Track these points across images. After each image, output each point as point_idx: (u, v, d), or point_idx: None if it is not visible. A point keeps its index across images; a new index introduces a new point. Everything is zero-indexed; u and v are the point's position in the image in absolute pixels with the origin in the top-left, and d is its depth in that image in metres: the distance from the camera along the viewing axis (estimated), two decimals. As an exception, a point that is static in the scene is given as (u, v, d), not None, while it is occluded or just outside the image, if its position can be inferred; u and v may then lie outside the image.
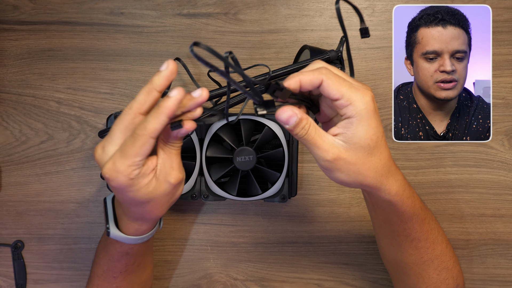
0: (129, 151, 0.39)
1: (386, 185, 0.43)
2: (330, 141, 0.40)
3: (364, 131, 0.39)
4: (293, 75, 0.40)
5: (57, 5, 0.66)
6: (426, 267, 0.51)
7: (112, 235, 0.49)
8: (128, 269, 0.54)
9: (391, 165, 0.43)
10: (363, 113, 0.39)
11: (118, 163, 0.39)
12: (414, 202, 0.47)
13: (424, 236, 0.49)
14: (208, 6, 0.66)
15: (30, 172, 0.66)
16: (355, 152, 0.40)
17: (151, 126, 0.38)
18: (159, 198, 0.43)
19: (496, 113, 0.65)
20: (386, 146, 0.42)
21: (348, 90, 0.38)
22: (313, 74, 0.39)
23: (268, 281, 0.67)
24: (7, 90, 0.67)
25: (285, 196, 0.61)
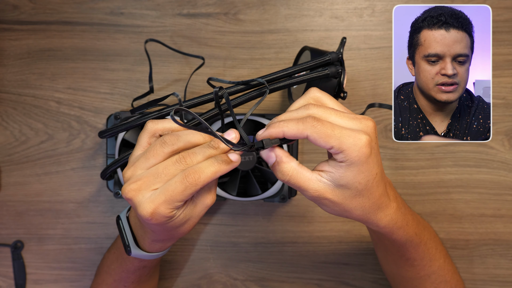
0: (176, 197, 0.38)
1: (374, 220, 0.42)
2: (315, 181, 0.39)
3: (353, 176, 0.38)
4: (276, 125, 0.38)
5: (57, 5, 0.66)
6: (423, 281, 0.51)
7: (134, 254, 0.47)
8: (141, 279, 0.54)
9: (382, 202, 0.41)
10: (354, 160, 0.37)
11: (161, 207, 0.38)
12: (407, 231, 0.45)
13: (420, 256, 0.49)
14: (208, 6, 0.66)
15: (30, 172, 0.66)
16: (341, 192, 0.39)
17: (206, 178, 0.38)
18: (194, 220, 0.42)
19: (496, 113, 0.65)
20: (379, 185, 0.40)
21: (338, 139, 0.36)
22: (297, 128, 0.37)
23: (268, 281, 0.67)
24: (7, 90, 0.66)
25: (285, 196, 0.61)
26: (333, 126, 0.37)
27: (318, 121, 0.37)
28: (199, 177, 0.37)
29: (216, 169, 0.38)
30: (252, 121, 0.59)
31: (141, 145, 0.42)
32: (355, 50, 0.66)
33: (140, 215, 0.38)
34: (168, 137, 0.39)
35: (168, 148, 0.39)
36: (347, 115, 0.38)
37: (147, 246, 0.47)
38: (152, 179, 0.39)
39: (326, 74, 0.50)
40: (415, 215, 0.48)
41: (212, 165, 0.38)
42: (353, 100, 0.65)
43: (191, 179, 0.37)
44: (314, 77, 0.50)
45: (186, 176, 0.37)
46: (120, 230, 0.47)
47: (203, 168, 0.38)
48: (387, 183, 0.42)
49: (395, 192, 0.44)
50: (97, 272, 0.59)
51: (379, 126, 0.64)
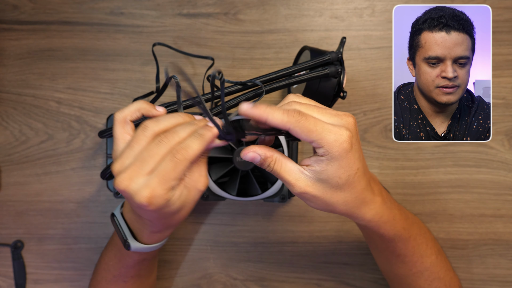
0: (169, 176, 0.38)
1: (358, 214, 0.43)
2: (297, 175, 0.40)
3: (333, 170, 0.39)
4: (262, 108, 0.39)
5: (57, 5, 0.66)
6: (417, 278, 0.52)
7: (133, 248, 0.47)
8: (140, 273, 0.54)
9: (365, 196, 0.42)
10: (335, 155, 0.38)
11: (157, 189, 0.38)
12: (395, 225, 0.46)
13: (410, 252, 0.50)
14: (208, 6, 0.66)
15: (30, 172, 0.66)
16: (322, 186, 0.40)
17: (193, 153, 0.38)
18: (189, 205, 0.43)
19: (496, 113, 0.65)
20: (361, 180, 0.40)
21: (319, 134, 0.37)
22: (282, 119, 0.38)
23: (268, 281, 0.67)
24: (7, 90, 0.66)
25: (285, 196, 0.61)
26: (316, 122, 0.38)
27: (302, 116, 0.38)
28: (187, 152, 0.38)
29: (202, 141, 0.39)
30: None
31: (117, 138, 0.43)
32: (355, 50, 0.66)
33: (138, 202, 0.38)
34: (148, 121, 0.40)
35: (149, 131, 0.40)
36: (329, 111, 0.39)
37: (146, 238, 0.47)
38: (140, 164, 0.39)
39: (326, 73, 0.50)
40: (403, 210, 0.48)
41: (197, 138, 0.39)
42: (353, 100, 0.65)
43: (180, 156, 0.38)
44: (313, 77, 0.50)
45: (175, 153, 0.38)
46: (116, 226, 0.48)
47: (189, 143, 0.39)
48: (371, 178, 0.43)
49: (380, 187, 0.45)
50: (95, 269, 0.59)
51: (379, 126, 0.64)
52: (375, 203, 0.43)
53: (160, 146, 0.39)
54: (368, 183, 0.42)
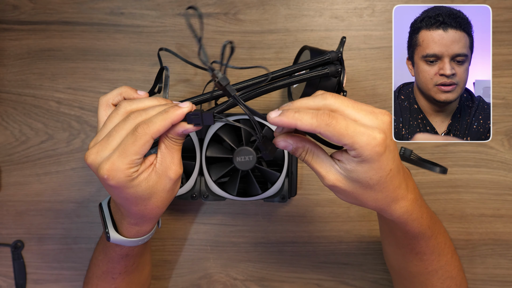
0: (129, 149, 0.39)
1: (388, 210, 0.42)
2: (328, 168, 0.40)
3: (364, 171, 0.38)
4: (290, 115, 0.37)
5: (57, 5, 0.66)
6: (431, 276, 0.51)
7: (112, 239, 0.48)
8: (127, 270, 0.54)
9: (397, 194, 0.41)
10: (367, 158, 0.37)
11: (117, 162, 0.39)
12: (422, 223, 0.45)
13: (430, 251, 0.49)
14: (208, 6, 0.66)
15: (30, 172, 0.66)
16: (352, 184, 0.39)
17: (155, 128, 0.38)
18: (160, 193, 0.43)
19: (496, 113, 0.65)
20: (393, 179, 0.39)
21: (351, 138, 0.36)
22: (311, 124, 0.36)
23: (268, 281, 0.67)
24: (7, 90, 0.66)
25: (285, 196, 0.61)
26: (347, 125, 0.36)
27: (333, 118, 0.36)
28: (147, 126, 0.38)
29: (165, 118, 0.39)
30: (252, 121, 0.59)
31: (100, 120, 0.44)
32: (355, 50, 0.66)
33: (100, 175, 0.39)
34: (123, 101, 0.41)
35: (121, 109, 0.41)
36: (364, 108, 0.38)
37: (125, 230, 0.48)
38: (106, 139, 0.40)
39: (326, 73, 0.50)
40: (429, 208, 0.48)
41: (161, 114, 0.39)
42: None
43: (140, 130, 0.38)
44: (313, 76, 0.50)
45: (136, 127, 0.39)
46: (101, 217, 0.49)
47: (152, 118, 0.39)
48: (406, 174, 0.42)
49: (413, 183, 0.44)
50: (89, 265, 0.59)
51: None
52: (407, 200, 0.42)
53: (126, 122, 0.40)
54: (403, 180, 0.41)
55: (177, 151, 0.42)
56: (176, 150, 0.42)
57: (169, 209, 0.67)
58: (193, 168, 0.60)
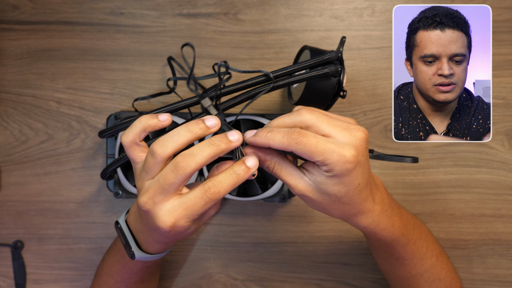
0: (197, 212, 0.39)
1: (353, 221, 0.43)
2: (297, 179, 0.40)
3: (333, 184, 0.38)
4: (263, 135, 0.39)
5: (57, 5, 0.66)
6: (417, 279, 0.52)
7: (137, 258, 0.47)
8: (143, 278, 0.54)
9: (363, 207, 0.41)
10: (337, 174, 0.37)
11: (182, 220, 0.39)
12: (393, 231, 0.45)
13: (410, 256, 0.49)
14: (208, 6, 0.66)
15: (30, 172, 0.66)
16: (321, 195, 0.40)
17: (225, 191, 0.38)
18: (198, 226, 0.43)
19: (496, 113, 0.65)
20: (361, 193, 0.40)
21: (322, 155, 0.37)
22: (282, 143, 0.38)
23: (268, 281, 0.67)
24: (7, 90, 0.66)
25: (285, 196, 0.61)
26: (317, 142, 0.37)
27: (303, 136, 0.37)
28: (219, 191, 0.38)
29: (235, 181, 0.39)
30: (252, 121, 0.59)
31: (134, 160, 0.42)
32: (355, 50, 0.66)
33: (159, 227, 0.39)
34: (154, 145, 0.39)
35: (158, 158, 0.39)
36: (339, 124, 0.38)
37: (151, 248, 0.46)
38: (159, 190, 0.39)
39: (326, 72, 0.50)
40: (404, 216, 0.48)
41: (231, 176, 0.39)
42: (353, 100, 0.65)
43: (210, 194, 0.38)
44: (313, 76, 0.50)
45: (206, 191, 0.38)
46: (121, 235, 0.47)
47: (222, 181, 0.38)
48: (374, 186, 0.43)
49: (382, 194, 0.44)
50: (97, 273, 0.59)
51: (379, 126, 0.64)
52: (372, 212, 0.42)
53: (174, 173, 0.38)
54: (369, 193, 0.41)
55: None
56: None
57: (169, 209, 0.67)
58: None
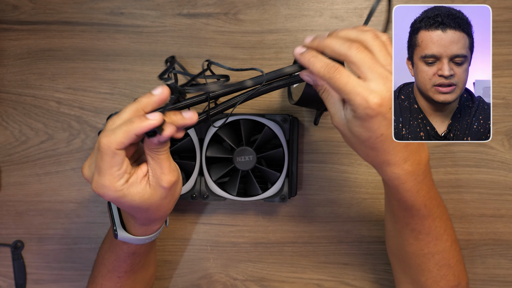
0: (101, 167, 0.39)
1: (379, 169, 0.44)
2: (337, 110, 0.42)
3: (356, 125, 0.40)
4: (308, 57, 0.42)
5: (57, 5, 0.66)
6: (427, 260, 0.51)
7: (120, 237, 0.49)
8: (133, 268, 0.54)
9: (389, 159, 0.42)
10: (358, 116, 0.39)
11: (99, 180, 0.39)
12: (416, 197, 0.46)
13: (426, 231, 0.49)
14: (208, 6, 0.66)
15: (30, 172, 0.66)
16: (350, 132, 0.42)
17: (116, 140, 0.38)
18: (158, 203, 0.43)
19: (496, 113, 0.65)
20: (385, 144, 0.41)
21: (347, 94, 0.39)
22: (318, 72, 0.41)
23: (268, 281, 0.67)
24: (7, 90, 0.66)
25: (285, 196, 0.61)
26: (347, 82, 0.39)
27: (337, 73, 0.39)
28: (108, 139, 0.38)
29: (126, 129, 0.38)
30: (252, 120, 0.59)
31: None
32: (355, 50, 0.66)
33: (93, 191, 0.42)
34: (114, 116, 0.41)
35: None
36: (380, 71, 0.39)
37: (133, 229, 0.48)
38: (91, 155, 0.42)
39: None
40: (432, 191, 0.48)
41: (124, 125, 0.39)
42: (353, 100, 0.65)
43: (102, 144, 0.38)
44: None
45: (98, 143, 0.39)
46: (110, 214, 0.49)
47: (115, 130, 0.39)
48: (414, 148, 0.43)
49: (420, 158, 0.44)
50: (94, 264, 0.60)
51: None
52: (400, 169, 0.43)
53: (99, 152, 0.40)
54: (401, 150, 0.42)
55: (164, 160, 0.42)
56: (162, 159, 0.42)
57: (169, 209, 0.67)
58: (193, 168, 0.60)
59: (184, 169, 0.60)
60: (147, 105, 0.40)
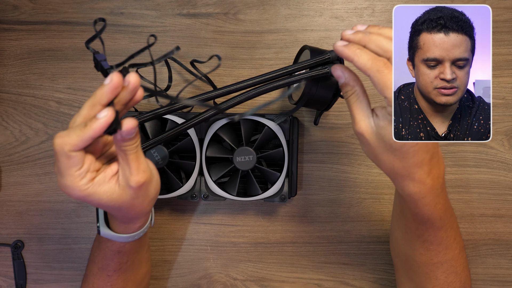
0: (59, 167, 0.38)
1: (400, 183, 0.43)
2: (364, 116, 0.41)
3: (390, 132, 0.39)
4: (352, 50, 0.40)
5: (57, 5, 0.66)
6: (435, 268, 0.51)
7: (102, 233, 0.49)
8: (122, 267, 0.54)
9: (414, 172, 0.41)
10: None
11: (61, 180, 0.38)
12: (433, 211, 0.45)
13: (437, 241, 0.49)
14: (208, 6, 0.66)
15: (30, 172, 0.66)
16: (378, 140, 0.41)
17: (68, 141, 0.36)
18: (130, 202, 0.42)
19: (496, 113, 0.65)
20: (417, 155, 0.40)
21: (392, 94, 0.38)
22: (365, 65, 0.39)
23: (268, 281, 0.67)
24: (7, 90, 0.66)
25: (285, 196, 0.61)
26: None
27: (386, 68, 0.38)
28: (62, 141, 0.36)
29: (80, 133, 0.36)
30: (252, 120, 0.59)
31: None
32: (355, 50, 0.66)
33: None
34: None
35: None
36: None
37: (114, 226, 0.48)
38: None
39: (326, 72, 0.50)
40: (447, 202, 0.48)
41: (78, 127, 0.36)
42: (353, 100, 0.65)
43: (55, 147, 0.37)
44: (314, 76, 0.50)
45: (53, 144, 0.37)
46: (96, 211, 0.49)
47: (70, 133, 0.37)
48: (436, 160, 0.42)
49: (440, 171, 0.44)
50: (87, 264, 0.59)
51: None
52: (422, 184, 0.42)
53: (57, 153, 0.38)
54: (427, 162, 0.41)
55: (132, 159, 0.39)
56: (131, 159, 0.39)
57: (169, 209, 0.67)
58: (193, 168, 0.60)
59: (184, 169, 0.60)
60: (101, 98, 0.37)
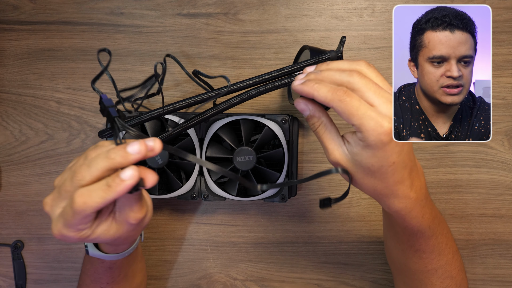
0: (70, 222, 0.36)
1: (386, 202, 0.42)
2: (336, 146, 0.40)
3: (367, 157, 0.39)
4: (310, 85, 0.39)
5: (57, 5, 0.66)
6: (430, 275, 0.51)
7: (91, 253, 0.48)
8: (114, 280, 0.53)
9: (397, 189, 0.41)
10: (371, 144, 0.38)
11: (63, 230, 0.37)
12: (421, 222, 0.45)
13: (429, 249, 0.49)
14: (208, 6, 0.66)
15: (30, 172, 0.66)
16: (355, 167, 0.40)
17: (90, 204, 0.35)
18: (125, 235, 0.41)
19: (496, 113, 0.65)
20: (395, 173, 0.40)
21: (359, 120, 0.37)
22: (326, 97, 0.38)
23: (268, 281, 0.67)
24: (7, 90, 0.66)
25: (285, 196, 0.61)
26: (359, 106, 0.37)
27: (348, 96, 0.37)
28: (85, 202, 0.35)
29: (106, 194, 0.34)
30: (252, 120, 0.59)
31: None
32: (355, 50, 0.66)
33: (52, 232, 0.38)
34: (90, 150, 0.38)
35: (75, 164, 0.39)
36: (386, 96, 0.38)
37: (103, 246, 0.48)
38: (57, 195, 0.38)
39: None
40: (434, 210, 0.48)
41: (101, 188, 0.35)
42: (353, 100, 0.65)
43: (78, 202, 0.35)
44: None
45: (72, 201, 0.35)
46: None
47: (92, 191, 0.35)
48: (415, 173, 0.42)
49: (421, 182, 0.43)
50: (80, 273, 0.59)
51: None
52: (407, 198, 0.42)
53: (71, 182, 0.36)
54: (407, 177, 0.41)
55: (135, 201, 0.39)
56: (133, 200, 0.39)
57: (169, 209, 0.67)
58: (193, 168, 0.60)
59: (184, 169, 0.60)
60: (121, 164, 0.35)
